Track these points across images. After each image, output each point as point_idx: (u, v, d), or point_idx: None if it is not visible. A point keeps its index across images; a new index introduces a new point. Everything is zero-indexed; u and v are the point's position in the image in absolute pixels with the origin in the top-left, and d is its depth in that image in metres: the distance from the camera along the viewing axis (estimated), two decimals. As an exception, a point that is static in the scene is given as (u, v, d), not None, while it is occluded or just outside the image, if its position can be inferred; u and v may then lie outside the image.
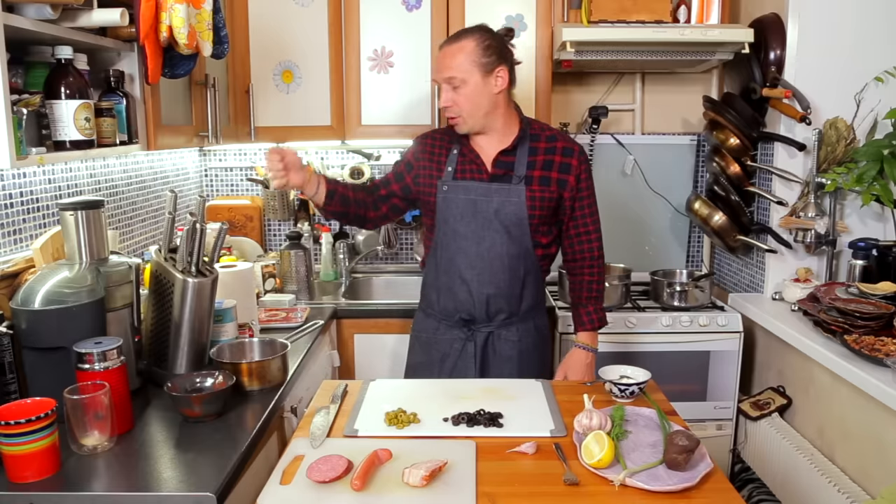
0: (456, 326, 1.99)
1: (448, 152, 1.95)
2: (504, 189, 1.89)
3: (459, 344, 1.98)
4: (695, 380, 2.55)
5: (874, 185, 2.24)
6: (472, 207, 1.90)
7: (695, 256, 3.16)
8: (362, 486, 1.20)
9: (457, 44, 1.85)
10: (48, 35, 1.49)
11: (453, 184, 1.91)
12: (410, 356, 2.10)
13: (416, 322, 2.10)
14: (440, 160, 1.95)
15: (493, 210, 1.89)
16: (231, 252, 2.67)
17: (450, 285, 1.95)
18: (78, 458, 1.33)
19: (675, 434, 1.28)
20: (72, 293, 1.46)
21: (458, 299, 1.96)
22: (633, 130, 3.06)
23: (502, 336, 1.97)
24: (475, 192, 1.90)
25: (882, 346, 1.94)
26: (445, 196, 1.91)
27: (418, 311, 2.10)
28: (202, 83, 2.22)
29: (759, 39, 2.49)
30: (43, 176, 1.89)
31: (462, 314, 1.96)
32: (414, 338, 2.09)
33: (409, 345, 2.12)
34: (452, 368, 1.99)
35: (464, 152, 1.93)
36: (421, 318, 2.08)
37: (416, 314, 2.11)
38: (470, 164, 1.93)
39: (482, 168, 1.92)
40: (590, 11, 2.54)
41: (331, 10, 2.64)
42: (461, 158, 1.93)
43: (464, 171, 1.93)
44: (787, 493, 2.22)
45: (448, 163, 1.93)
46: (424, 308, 2.07)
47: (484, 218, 1.90)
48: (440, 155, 1.96)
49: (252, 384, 1.67)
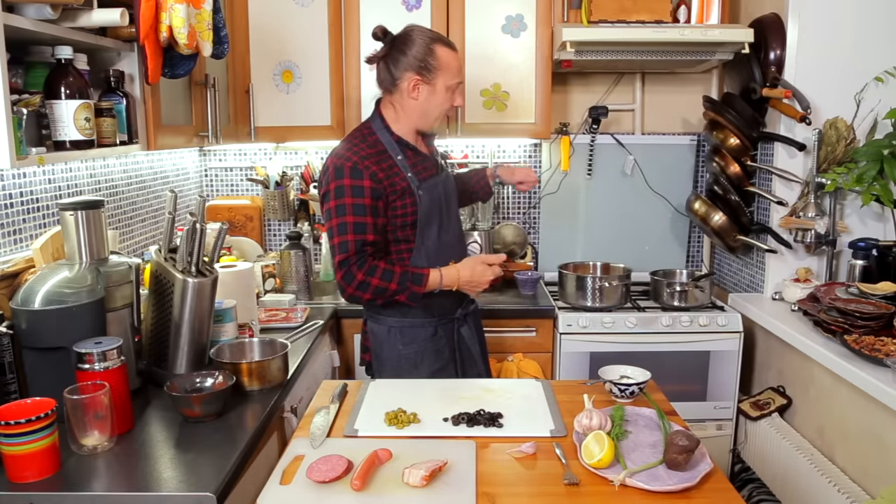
0: (448, 322, 2.00)
1: (392, 161, 1.89)
2: (446, 175, 2.04)
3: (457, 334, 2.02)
4: (695, 380, 2.55)
5: (874, 185, 2.24)
6: (443, 201, 1.98)
7: (695, 256, 3.16)
8: (362, 486, 1.20)
9: None
10: (48, 35, 1.49)
11: (423, 185, 1.92)
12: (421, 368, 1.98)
13: (404, 339, 1.97)
14: (394, 170, 1.88)
15: (452, 198, 2.04)
16: (231, 252, 2.67)
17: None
18: (78, 458, 1.33)
19: (675, 434, 1.28)
20: (72, 293, 1.46)
21: (453, 293, 1.94)
22: (633, 130, 3.06)
23: (473, 311, 2.11)
24: (440, 187, 1.98)
25: (882, 346, 1.94)
26: (423, 199, 1.91)
27: (403, 328, 1.96)
28: (202, 83, 2.22)
29: (759, 39, 2.49)
30: (43, 176, 1.89)
31: (455, 306, 2.00)
32: (417, 354, 1.97)
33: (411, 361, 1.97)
34: (461, 361, 2.03)
35: (408, 154, 1.93)
36: (412, 333, 1.97)
37: (399, 332, 1.97)
38: (421, 164, 1.96)
39: (430, 163, 2.00)
40: (590, 11, 2.54)
41: (331, 10, 2.64)
42: (409, 161, 1.93)
43: (419, 171, 1.94)
44: (787, 493, 2.22)
45: (402, 169, 1.89)
46: (412, 320, 1.96)
47: (449, 208, 2.01)
48: (390, 168, 1.88)
49: (252, 384, 1.67)
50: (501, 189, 3.08)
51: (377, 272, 1.82)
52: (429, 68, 1.87)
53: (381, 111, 1.96)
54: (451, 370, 2.00)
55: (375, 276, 1.82)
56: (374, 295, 1.85)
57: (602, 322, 2.52)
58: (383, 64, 1.91)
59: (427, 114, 1.92)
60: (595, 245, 3.12)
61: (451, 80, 1.90)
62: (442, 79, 1.88)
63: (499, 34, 2.66)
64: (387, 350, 1.99)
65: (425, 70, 1.87)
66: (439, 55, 1.88)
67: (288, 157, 3.06)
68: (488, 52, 2.66)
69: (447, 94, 1.91)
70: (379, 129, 1.93)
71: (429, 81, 1.88)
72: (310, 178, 2.98)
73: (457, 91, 1.94)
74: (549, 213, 3.11)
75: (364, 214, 1.82)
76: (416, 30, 1.90)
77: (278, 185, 2.95)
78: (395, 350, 1.97)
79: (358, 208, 1.82)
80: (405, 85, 1.88)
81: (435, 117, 1.94)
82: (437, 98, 1.90)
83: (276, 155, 3.06)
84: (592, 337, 2.52)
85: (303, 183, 2.99)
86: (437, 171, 2.01)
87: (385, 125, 1.93)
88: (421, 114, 1.92)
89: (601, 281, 2.59)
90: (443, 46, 1.89)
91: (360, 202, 1.82)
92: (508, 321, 2.55)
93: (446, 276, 1.88)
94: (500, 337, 2.54)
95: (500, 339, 2.54)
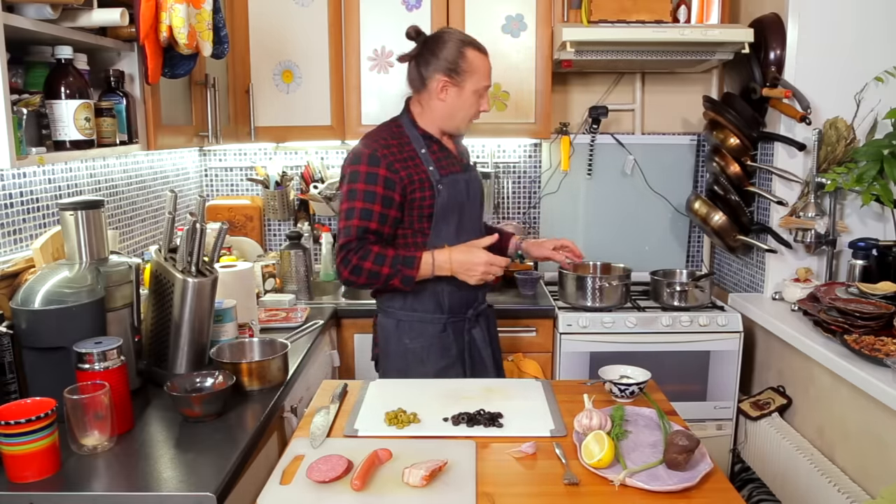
0: (459, 320, 1.99)
1: (415, 153, 1.91)
2: (472, 175, 2.02)
3: (468, 335, 2.01)
4: (695, 380, 2.55)
5: (874, 185, 2.24)
6: (463, 198, 1.96)
7: (695, 256, 3.16)
8: (362, 486, 1.20)
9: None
10: (48, 35, 1.49)
11: (444, 180, 1.91)
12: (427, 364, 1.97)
13: (412, 333, 1.96)
14: (415, 163, 1.90)
15: (476, 199, 2.03)
16: (231, 252, 2.67)
17: (456, 281, 1.93)
18: (78, 458, 1.33)
19: (675, 434, 1.28)
20: (72, 293, 1.46)
21: (464, 291, 1.95)
22: (633, 130, 3.07)
23: (487, 313, 2.10)
24: (462, 184, 1.96)
25: (882, 346, 1.94)
26: (441, 193, 1.91)
27: (412, 322, 1.96)
28: (202, 83, 2.22)
29: (759, 39, 2.49)
30: (43, 176, 1.89)
31: (466, 305, 1.99)
32: (423, 349, 1.97)
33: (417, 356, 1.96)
34: (471, 363, 2.01)
35: (433, 149, 1.94)
36: (420, 328, 1.96)
37: (407, 326, 1.96)
38: (446, 160, 1.96)
39: (455, 161, 1.99)
40: (590, 11, 2.54)
41: (331, 10, 2.64)
42: (434, 156, 1.93)
43: (443, 166, 1.94)
44: (787, 493, 2.22)
45: (425, 163, 1.91)
46: (422, 315, 1.96)
47: (471, 206, 2.00)
48: (411, 158, 1.90)
49: (252, 384, 1.67)
50: (501, 189, 3.09)
51: (370, 256, 1.82)
52: (458, 71, 1.88)
53: (410, 108, 1.98)
54: (459, 369, 1.99)
55: (368, 260, 1.81)
56: (369, 279, 1.83)
57: (602, 322, 2.52)
58: (414, 64, 1.93)
59: (453, 116, 1.93)
60: (595, 245, 3.12)
61: (480, 84, 1.91)
62: (470, 82, 1.89)
63: (499, 34, 2.66)
64: (393, 343, 1.99)
65: (454, 72, 1.88)
66: (469, 58, 1.89)
67: (288, 157, 3.06)
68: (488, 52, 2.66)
69: (474, 98, 1.92)
70: (406, 125, 1.95)
71: (457, 84, 1.89)
72: (310, 178, 2.97)
73: (484, 96, 1.95)
74: (549, 213, 3.11)
75: (373, 202, 1.82)
76: (449, 32, 1.92)
77: (278, 185, 2.95)
78: (402, 344, 1.97)
79: (368, 195, 1.82)
80: (434, 86, 1.89)
81: (460, 119, 1.94)
82: (464, 101, 1.91)
83: (276, 155, 3.06)
84: (592, 337, 2.52)
85: (303, 183, 2.99)
86: (462, 169, 2.00)
87: (412, 120, 1.96)
88: (447, 115, 1.93)
89: (601, 281, 2.59)
90: (474, 50, 1.90)
91: (372, 189, 1.82)
92: (508, 321, 2.55)
93: (438, 257, 1.85)
94: (501, 336, 2.53)
95: (501, 338, 2.53)
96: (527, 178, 3.09)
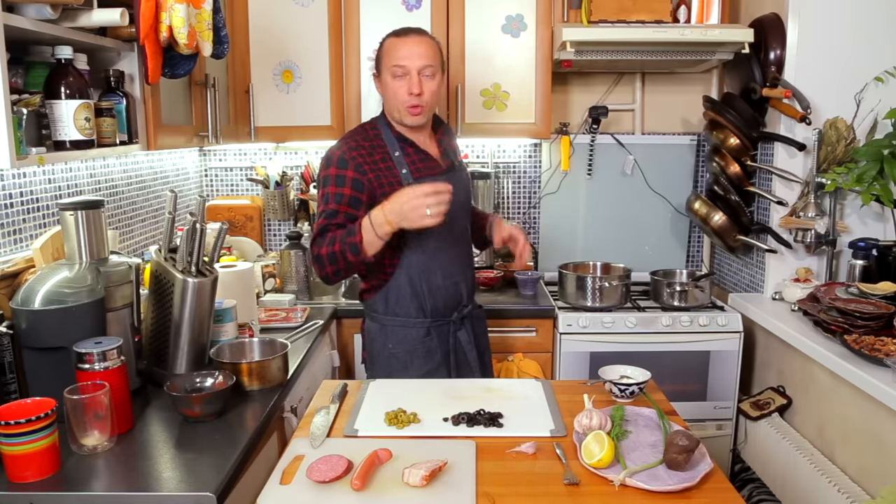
0: (444, 324, 1.99)
1: (388, 156, 1.89)
2: (456, 177, 1.95)
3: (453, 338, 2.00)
4: (695, 380, 2.55)
5: (874, 185, 2.24)
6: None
7: (695, 256, 3.16)
8: (362, 486, 1.20)
9: (426, 37, 1.91)
10: (48, 35, 1.49)
11: (417, 182, 1.84)
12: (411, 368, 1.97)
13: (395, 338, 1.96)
14: (387, 164, 1.88)
15: (456, 200, 1.86)
16: (231, 252, 2.67)
17: (438, 284, 1.95)
18: (78, 458, 1.33)
19: (675, 434, 1.28)
20: (72, 293, 1.46)
21: (447, 294, 1.96)
22: (633, 130, 3.07)
23: (474, 315, 2.08)
24: None
25: (882, 346, 1.94)
26: None
27: (394, 327, 1.96)
28: (202, 83, 2.22)
29: (759, 39, 2.49)
30: (43, 176, 1.89)
31: (450, 308, 1.99)
32: (406, 353, 1.96)
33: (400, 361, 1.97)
34: (456, 365, 2.00)
35: (408, 151, 1.92)
36: (403, 333, 1.96)
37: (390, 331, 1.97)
38: (422, 162, 1.94)
39: (434, 163, 1.96)
40: (590, 11, 2.54)
41: (331, 10, 2.64)
42: (408, 158, 1.91)
43: (418, 169, 1.91)
44: (787, 493, 2.22)
45: (398, 166, 1.89)
46: (404, 319, 1.96)
47: (452, 209, 1.86)
48: (383, 160, 1.88)
49: (252, 384, 1.67)
50: (501, 189, 3.09)
51: (325, 242, 1.79)
52: (377, 61, 1.94)
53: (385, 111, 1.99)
54: (444, 373, 1.98)
55: (324, 246, 1.79)
56: (331, 263, 1.78)
57: (602, 322, 2.52)
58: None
59: (390, 107, 1.93)
60: (595, 245, 3.12)
61: (390, 64, 1.87)
62: (385, 67, 1.91)
63: (499, 34, 2.66)
64: (377, 347, 1.99)
65: (377, 64, 1.95)
66: (384, 46, 1.93)
67: (288, 157, 3.06)
68: (488, 52, 2.66)
69: (395, 81, 1.87)
70: (381, 126, 1.96)
71: (379, 73, 1.94)
72: (310, 178, 2.97)
73: (407, 77, 1.86)
74: (549, 212, 3.11)
75: (339, 203, 1.82)
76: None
77: (278, 185, 2.95)
78: (385, 349, 1.98)
79: (336, 196, 1.83)
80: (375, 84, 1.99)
81: (395, 108, 1.90)
82: (387, 87, 1.91)
83: (276, 155, 3.06)
84: (592, 337, 2.52)
85: (303, 183, 2.99)
86: (446, 170, 1.96)
87: (387, 122, 1.96)
88: (388, 108, 1.95)
89: (601, 281, 2.59)
90: (391, 37, 1.91)
91: (340, 191, 1.83)
92: (508, 321, 2.55)
93: (373, 214, 1.72)
94: (500, 337, 2.54)
95: (500, 339, 2.54)
96: (527, 178, 3.09)
